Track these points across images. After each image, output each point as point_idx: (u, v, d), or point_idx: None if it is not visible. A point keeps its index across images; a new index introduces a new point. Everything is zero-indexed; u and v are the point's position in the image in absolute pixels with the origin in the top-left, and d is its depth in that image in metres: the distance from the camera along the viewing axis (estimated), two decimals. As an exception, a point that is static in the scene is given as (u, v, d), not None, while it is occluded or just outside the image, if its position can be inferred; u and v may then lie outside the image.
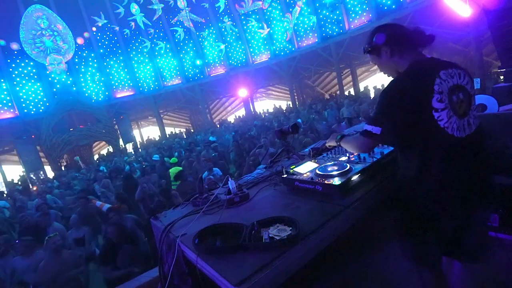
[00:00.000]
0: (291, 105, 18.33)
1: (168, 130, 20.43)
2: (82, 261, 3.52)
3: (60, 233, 3.87)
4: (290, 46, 16.54)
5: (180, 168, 6.17)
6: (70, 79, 16.10)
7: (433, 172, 1.25)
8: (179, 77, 18.58)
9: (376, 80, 17.87)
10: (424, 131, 1.23)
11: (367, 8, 13.67)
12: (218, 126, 17.59)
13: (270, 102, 22.63)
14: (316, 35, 15.60)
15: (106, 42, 17.45)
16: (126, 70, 17.92)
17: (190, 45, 18.09)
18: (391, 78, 1.37)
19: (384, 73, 1.47)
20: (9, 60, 14.85)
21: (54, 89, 15.59)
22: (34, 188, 10.48)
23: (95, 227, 4.79)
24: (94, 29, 16.97)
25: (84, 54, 16.81)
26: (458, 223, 1.33)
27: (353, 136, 1.56)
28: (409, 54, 1.32)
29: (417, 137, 1.25)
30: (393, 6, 12.79)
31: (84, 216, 4.66)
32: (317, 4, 14.93)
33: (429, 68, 1.25)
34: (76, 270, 3.21)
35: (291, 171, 1.66)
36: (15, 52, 14.73)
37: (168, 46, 18.10)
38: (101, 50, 17.34)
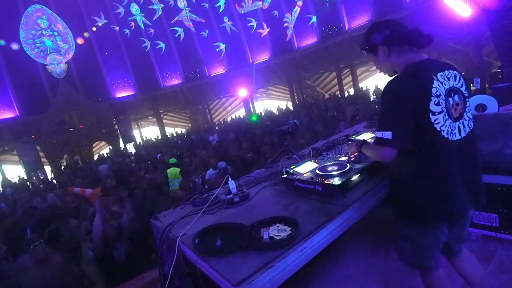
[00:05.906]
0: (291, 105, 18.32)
1: (168, 130, 20.39)
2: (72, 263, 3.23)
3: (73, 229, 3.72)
4: (290, 46, 16.52)
5: (178, 169, 6.11)
6: (70, 79, 16.06)
7: (428, 175, 1.25)
8: (179, 77, 18.56)
9: (376, 80, 17.84)
10: (421, 134, 1.21)
11: (367, 8, 13.66)
12: (217, 127, 17.53)
13: (270, 102, 22.61)
14: (316, 35, 15.58)
15: (106, 42, 17.43)
16: (126, 70, 17.90)
17: (190, 45, 18.07)
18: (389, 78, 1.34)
19: (381, 71, 1.43)
20: (9, 60, 14.82)
21: (54, 89, 15.56)
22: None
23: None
24: (94, 29, 16.94)
25: (84, 54, 16.77)
26: (451, 223, 1.35)
27: (372, 144, 1.42)
28: (407, 54, 1.29)
29: (414, 140, 1.23)
30: (393, 6, 12.77)
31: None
32: (317, 3, 14.90)
33: (427, 70, 1.22)
34: (67, 276, 2.99)
35: (291, 171, 1.66)
36: (15, 52, 14.70)
37: (168, 46, 18.08)
38: (101, 50, 17.30)
